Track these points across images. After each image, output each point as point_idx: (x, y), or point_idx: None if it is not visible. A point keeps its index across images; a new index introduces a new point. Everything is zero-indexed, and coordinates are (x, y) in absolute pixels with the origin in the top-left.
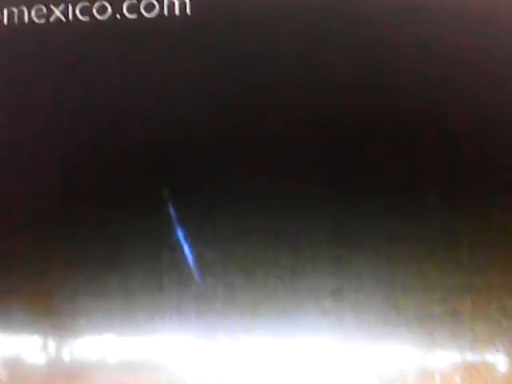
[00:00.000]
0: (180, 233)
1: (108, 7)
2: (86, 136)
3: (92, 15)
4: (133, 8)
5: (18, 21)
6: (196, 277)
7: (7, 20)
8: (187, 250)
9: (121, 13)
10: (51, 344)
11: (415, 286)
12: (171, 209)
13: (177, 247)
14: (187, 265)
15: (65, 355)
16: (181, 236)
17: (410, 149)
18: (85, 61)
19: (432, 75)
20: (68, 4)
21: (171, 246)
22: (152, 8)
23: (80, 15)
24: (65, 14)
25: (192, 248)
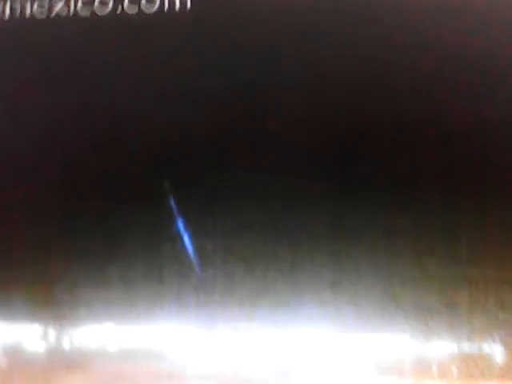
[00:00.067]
0: (180, 225)
1: (109, 2)
2: (87, 129)
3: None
4: (133, 3)
5: (20, 16)
6: (196, 268)
7: (9, 14)
8: (187, 242)
9: (121, 7)
10: (52, 333)
11: (413, 278)
12: (172, 201)
13: (177, 239)
14: (187, 257)
15: (65, 345)
16: (181, 228)
17: (407, 142)
18: (85, 56)
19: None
20: None
21: (171, 238)
22: (152, 3)
23: (80, 10)
24: (65, 10)
25: (192, 240)
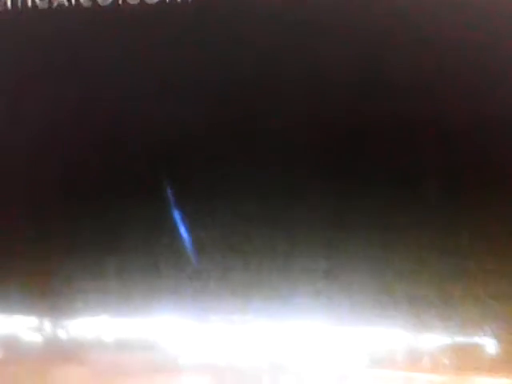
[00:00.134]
0: (177, 218)
1: None
2: (87, 122)
3: (94, 1)
4: None
5: (22, 6)
6: (192, 261)
7: (11, 5)
8: (184, 235)
9: None
10: (48, 325)
11: (406, 271)
12: (168, 194)
13: (173, 232)
14: (184, 249)
15: (62, 336)
16: (178, 221)
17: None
18: (86, 47)
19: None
20: None
21: (168, 231)
22: None
23: (82, 1)
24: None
25: (189, 232)
